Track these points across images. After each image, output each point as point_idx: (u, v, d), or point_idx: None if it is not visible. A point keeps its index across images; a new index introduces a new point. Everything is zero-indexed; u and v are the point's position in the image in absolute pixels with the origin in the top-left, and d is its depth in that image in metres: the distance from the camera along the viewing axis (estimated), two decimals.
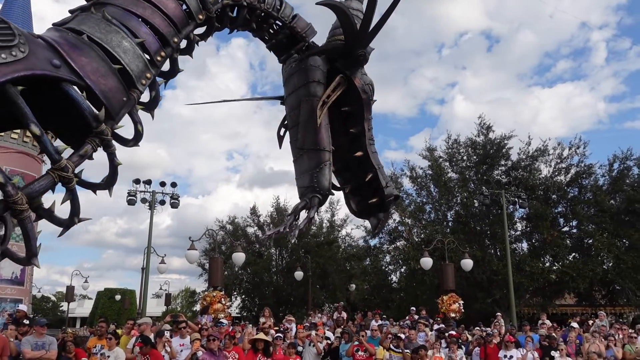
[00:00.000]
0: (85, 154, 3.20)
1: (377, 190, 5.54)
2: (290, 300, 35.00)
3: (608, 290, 28.89)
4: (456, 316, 17.28)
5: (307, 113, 5.33)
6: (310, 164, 5.33)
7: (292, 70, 5.61)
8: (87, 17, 3.57)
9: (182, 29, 4.05)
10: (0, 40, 2.84)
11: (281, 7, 5.13)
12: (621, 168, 28.47)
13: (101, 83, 3.28)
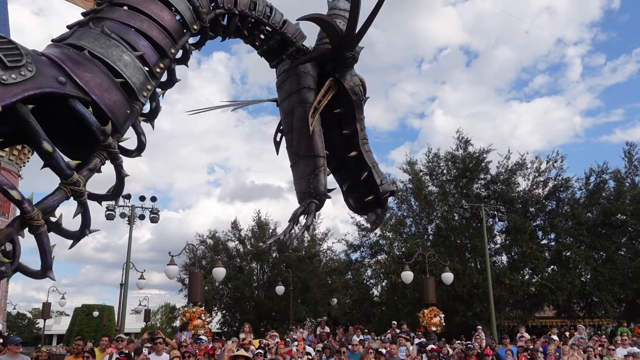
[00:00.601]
0: (95, 168, 3.30)
1: (372, 188, 5.70)
2: (271, 315, 34.74)
3: (586, 302, 29.25)
4: (437, 330, 17.31)
5: (300, 120, 5.47)
6: (306, 170, 5.50)
7: (284, 77, 5.71)
8: (85, 32, 3.63)
9: (179, 39, 4.13)
10: (9, 60, 2.91)
11: (271, 14, 5.20)
12: (597, 181, 29.01)
13: (106, 97, 3.36)
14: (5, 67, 2.88)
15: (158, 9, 3.98)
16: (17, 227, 2.94)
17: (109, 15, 3.78)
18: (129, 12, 3.87)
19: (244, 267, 35.02)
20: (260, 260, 35.20)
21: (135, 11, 3.88)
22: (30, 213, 2.89)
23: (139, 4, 3.91)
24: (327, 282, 35.36)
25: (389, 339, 14.54)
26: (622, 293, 27.63)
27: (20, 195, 2.85)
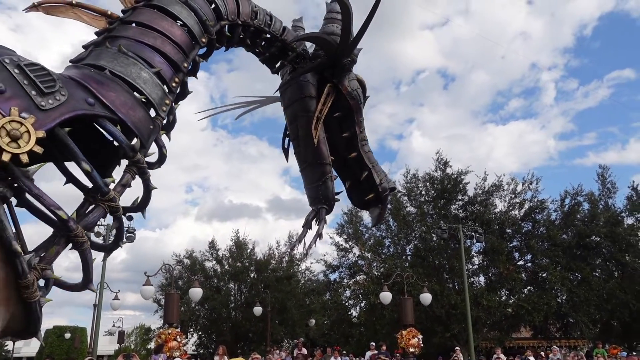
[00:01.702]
0: (127, 183, 3.46)
1: (372, 187, 5.99)
2: (248, 337, 34.27)
3: (562, 323, 29.49)
4: (415, 351, 17.25)
5: (304, 128, 5.67)
6: (314, 177, 5.81)
7: (285, 81, 5.87)
8: (102, 51, 3.76)
9: (189, 53, 4.27)
10: (45, 87, 3.06)
11: (271, 22, 5.36)
12: (572, 203, 29.51)
13: (131, 115, 3.50)
14: (43, 93, 3.04)
15: (169, 24, 4.14)
16: (64, 244, 3.09)
17: (122, 34, 3.90)
18: (142, 29, 3.99)
19: (221, 288, 34.60)
20: (237, 281, 34.83)
21: (147, 28, 4.00)
22: (75, 231, 3.03)
23: (150, 21, 4.04)
24: (305, 303, 35.09)
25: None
26: (597, 314, 27.96)
27: (66, 215, 2.99)
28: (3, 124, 2.79)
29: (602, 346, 20.91)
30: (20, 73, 3.08)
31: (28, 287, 2.89)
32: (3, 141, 2.75)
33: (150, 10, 4.14)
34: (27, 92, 3.01)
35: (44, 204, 2.99)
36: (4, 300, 2.87)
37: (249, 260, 35.30)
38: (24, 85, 3.02)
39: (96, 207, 3.26)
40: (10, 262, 2.82)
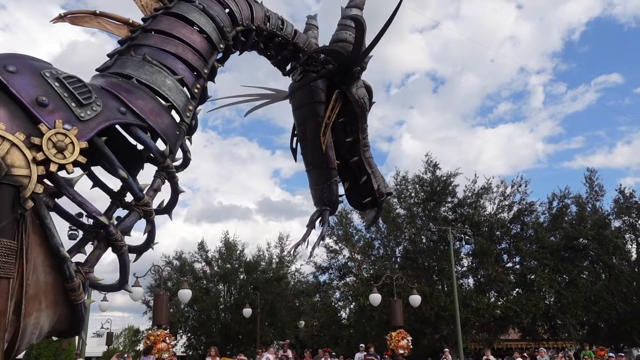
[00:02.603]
0: (158, 188, 3.65)
1: (370, 191, 6.25)
2: (238, 338, 34.16)
3: (550, 325, 29.68)
4: (405, 353, 17.28)
5: (312, 132, 5.90)
6: (320, 179, 6.07)
7: (296, 86, 6.07)
8: (127, 60, 3.90)
9: (208, 59, 4.40)
10: (83, 98, 3.22)
11: (283, 26, 5.52)
12: (560, 206, 29.72)
13: (159, 122, 3.65)
14: (81, 104, 3.19)
15: (189, 32, 4.26)
16: (104, 247, 3.29)
17: (145, 42, 4.04)
18: (163, 37, 4.11)
19: (210, 289, 34.49)
20: (227, 282, 34.74)
21: (169, 36, 4.13)
22: (115, 235, 3.24)
23: (171, 29, 4.17)
24: (295, 305, 35.07)
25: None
26: (585, 316, 28.19)
27: (107, 221, 3.20)
28: (49, 136, 2.93)
29: (589, 348, 21.09)
30: (60, 86, 3.20)
31: (74, 289, 3.07)
32: (50, 152, 2.90)
33: (169, 18, 4.25)
34: (68, 105, 3.15)
35: (86, 210, 3.16)
36: (52, 303, 3.03)
37: (239, 262, 35.23)
38: (64, 98, 3.16)
39: (132, 211, 3.45)
40: (58, 267, 2.96)
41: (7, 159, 2.77)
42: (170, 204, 3.96)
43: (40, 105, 3.03)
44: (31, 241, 2.83)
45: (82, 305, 3.17)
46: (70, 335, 3.42)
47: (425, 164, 30.44)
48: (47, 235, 2.93)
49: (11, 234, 2.69)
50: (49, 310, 3.02)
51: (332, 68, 5.86)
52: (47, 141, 2.92)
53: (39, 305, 2.93)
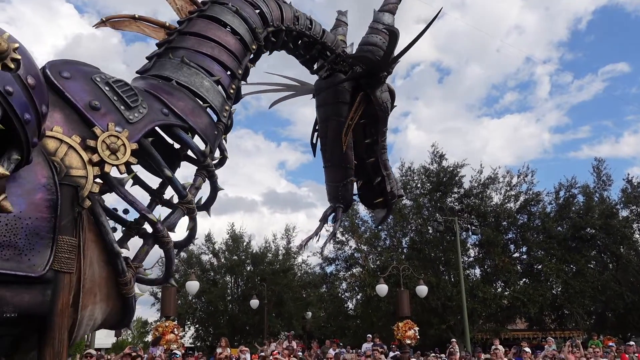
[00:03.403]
0: (199, 186, 3.78)
1: (383, 192, 6.45)
2: (245, 329, 34.33)
3: (557, 314, 29.64)
4: (412, 343, 17.31)
5: (333, 131, 6.07)
6: (337, 177, 6.23)
7: (322, 84, 6.20)
8: (165, 62, 4.04)
9: (242, 60, 4.54)
10: (130, 101, 3.37)
11: (312, 26, 5.64)
12: (567, 196, 29.60)
13: (199, 122, 3.78)
14: (130, 107, 3.35)
15: (223, 34, 4.41)
16: (152, 244, 3.47)
17: (182, 45, 4.18)
18: (199, 39, 4.25)
19: (217, 281, 34.62)
20: (234, 274, 34.87)
21: (204, 38, 4.27)
22: (162, 232, 3.39)
23: (206, 31, 4.32)
24: (302, 296, 35.16)
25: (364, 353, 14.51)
26: (592, 305, 28.13)
27: (155, 218, 3.36)
28: (103, 138, 3.08)
29: (597, 337, 21.06)
30: (110, 90, 3.35)
31: (126, 284, 3.23)
32: (104, 154, 3.06)
33: (204, 20, 4.40)
34: (117, 108, 3.30)
35: (137, 208, 3.33)
36: (106, 296, 3.17)
37: (245, 254, 35.33)
38: (114, 102, 3.31)
39: (176, 209, 3.59)
40: (112, 262, 3.12)
41: (65, 161, 2.93)
42: (209, 200, 4.06)
43: (93, 109, 3.18)
44: (87, 238, 2.98)
45: (133, 298, 3.33)
46: (119, 327, 3.64)
47: (431, 155, 30.40)
48: (101, 232, 3.08)
49: (72, 232, 2.84)
50: (102, 303, 3.16)
51: (360, 72, 5.97)
52: (101, 143, 3.06)
53: (94, 298, 3.08)
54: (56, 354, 2.79)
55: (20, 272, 2.59)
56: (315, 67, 6.16)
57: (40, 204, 2.70)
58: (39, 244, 2.67)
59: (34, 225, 2.66)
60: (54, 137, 2.99)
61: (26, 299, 2.66)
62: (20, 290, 2.64)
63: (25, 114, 2.33)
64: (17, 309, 2.63)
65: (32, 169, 2.73)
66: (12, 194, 2.57)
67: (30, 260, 2.63)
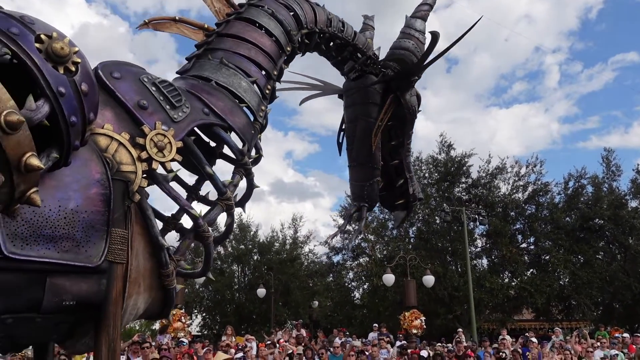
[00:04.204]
0: (237, 184, 3.88)
1: (404, 194, 6.56)
2: (252, 318, 34.53)
3: (564, 305, 29.58)
4: (418, 332, 17.36)
5: (362, 131, 6.12)
6: (362, 177, 6.29)
7: (351, 85, 6.28)
8: (205, 63, 4.19)
9: (277, 61, 4.68)
10: (175, 101, 3.52)
11: (344, 28, 5.74)
12: (576, 186, 29.41)
13: (237, 122, 3.91)
14: (174, 107, 3.50)
15: (259, 36, 4.55)
16: (193, 238, 3.59)
17: (220, 46, 4.33)
18: (237, 41, 4.39)
19: (225, 270, 34.80)
20: (241, 263, 35.02)
21: (241, 40, 4.40)
22: (203, 227, 3.51)
23: (243, 33, 4.45)
24: (309, 285, 35.28)
25: (370, 342, 14.53)
26: (600, 296, 28.05)
27: (197, 214, 3.49)
28: (151, 136, 3.24)
29: (604, 329, 21.00)
30: (157, 90, 3.51)
31: (169, 275, 3.36)
32: (152, 151, 3.22)
33: (241, 22, 4.54)
34: (163, 107, 3.46)
35: (180, 204, 3.48)
36: (149, 287, 3.31)
37: (252, 243, 35.46)
38: (160, 101, 3.47)
39: (216, 205, 3.72)
40: (156, 254, 3.27)
41: (116, 157, 3.08)
42: (245, 198, 4.18)
43: (141, 108, 3.36)
44: (134, 230, 3.11)
45: (174, 290, 3.45)
46: (159, 318, 3.77)
47: (439, 144, 30.26)
48: (147, 225, 3.22)
49: (123, 224, 3.01)
50: (145, 293, 3.29)
51: (393, 74, 6.07)
52: (149, 141, 3.22)
53: (138, 288, 3.20)
54: (111, 340, 2.94)
55: (78, 263, 2.73)
56: (346, 68, 6.26)
57: (95, 198, 2.84)
58: (94, 236, 2.81)
59: (90, 219, 2.80)
60: (105, 135, 3.12)
61: (84, 288, 2.81)
62: (78, 280, 2.78)
63: (72, 116, 2.41)
64: (75, 297, 2.78)
65: (87, 165, 2.88)
66: (70, 189, 2.73)
67: (87, 251, 2.77)
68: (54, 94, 2.29)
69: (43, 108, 2.26)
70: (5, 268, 2.48)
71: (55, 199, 2.68)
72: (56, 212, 2.67)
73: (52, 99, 2.29)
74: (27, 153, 2.10)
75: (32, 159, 2.11)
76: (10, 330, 2.70)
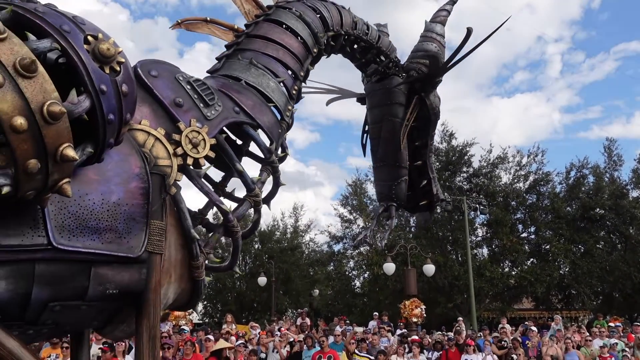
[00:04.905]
0: (264, 181, 3.98)
1: (427, 194, 6.63)
2: (253, 306, 34.70)
3: (564, 294, 29.68)
4: (418, 321, 17.43)
5: (389, 131, 6.21)
6: (389, 176, 6.37)
7: (375, 86, 6.38)
8: (234, 63, 4.30)
9: (304, 62, 4.80)
10: (208, 99, 3.64)
11: (369, 31, 5.85)
12: (577, 176, 29.37)
13: (265, 121, 4.02)
14: (207, 105, 3.62)
15: (287, 37, 4.66)
16: (222, 232, 3.73)
17: (249, 47, 4.48)
18: (265, 42, 4.51)
19: (225, 258, 34.89)
20: (242, 251, 35.06)
21: (270, 41, 4.52)
22: (233, 222, 3.63)
23: (271, 34, 4.56)
24: (309, 274, 35.42)
25: (370, 330, 14.60)
26: (599, 286, 28.13)
27: (227, 209, 3.62)
28: (187, 133, 3.37)
29: (602, 318, 21.07)
30: (191, 88, 3.63)
31: (198, 267, 3.47)
32: (187, 147, 3.33)
33: (270, 24, 4.68)
34: (197, 105, 3.58)
35: (211, 199, 3.62)
36: (179, 277, 3.42)
37: None
38: (194, 99, 3.59)
39: (244, 201, 3.83)
40: (187, 246, 3.38)
41: (153, 152, 3.22)
42: (270, 195, 4.26)
43: (177, 105, 3.48)
44: (168, 222, 3.22)
45: (202, 282, 3.55)
46: (186, 309, 3.90)
47: (440, 134, 30.17)
48: (180, 218, 3.33)
49: (161, 216, 3.13)
50: (175, 283, 3.41)
51: (421, 75, 6.18)
52: (185, 137, 3.34)
53: (169, 279, 3.32)
54: (152, 326, 3.10)
55: (121, 253, 2.86)
56: (369, 70, 6.37)
57: (135, 192, 2.96)
58: (135, 228, 2.94)
59: (131, 211, 2.93)
60: (143, 130, 3.26)
61: (126, 277, 2.94)
62: (120, 269, 2.91)
63: (111, 114, 2.50)
64: (118, 286, 2.92)
65: (127, 159, 3.02)
66: (112, 182, 2.88)
67: (129, 242, 2.90)
68: (96, 91, 2.38)
69: (84, 103, 2.35)
70: (54, 258, 2.61)
71: (99, 192, 2.80)
72: (99, 205, 2.80)
73: (94, 96, 2.38)
74: (65, 144, 2.17)
75: (68, 150, 2.19)
76: (57, 317, 2.81)
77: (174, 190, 3.28)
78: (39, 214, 2.56)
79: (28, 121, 2.02)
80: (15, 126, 2.00)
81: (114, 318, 3.30)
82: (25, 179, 2.16)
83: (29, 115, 2.03)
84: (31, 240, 2.53)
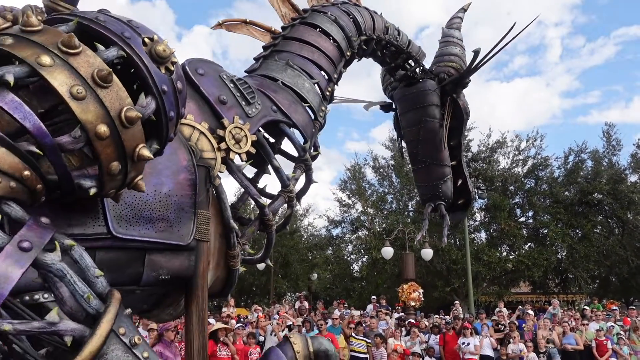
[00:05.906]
0: (298, 177, 4.14)
1: (462, 193, 6.73)
2: (252, 290, 34.88)
3: (561, 278, 29.88)
4: (416, 305, 17.56)
5: (428, 132, 6.33)
6: (433, 176, 6.49)
7: (406, 91, 6.49)
8: (271, 64, 4.48)
9: (338, 65, 4.95)
10: (249, 98, 3.80)
11: (399, 36, 5.99)
12: (576, 161, 29.39)
13: (300, 120, 4.18)
14: (249, 103, 3.78)
15: (322, 40, 4.82)
16: (258, 225, 3.86)
17: (286, 49, 4.63)
18: (301, 44, 4.68)
19: None
20: None
21: (305, 43, 4.69)
22: (268, 215, 3.78)
23: (307, 37, 4.75)
24: (308, 258, 35.55)
25: (368, 313, 14.72)
26: (596, 270, 28.31)
27: (264, 203, 3.76)
28: (230, 129, 3.54)
29: (598, 302, 21.23)
30: (234, 87, 3.80)
31: (234, 257, 3.62)
32: (230, 142, 3.52)
33: (306, 27, 4.84)
34: (239, 103, 3.74)
35: (250, 193, 3.78)
36: (216, 265, 3.56)
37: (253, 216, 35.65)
38: (237, 97, 3.76)
39: (279, 196, 3.96)
40: (226, 235, 3.54)
41: (198, 145, 3.39)
42: (302, 191, 4.41)
43: (221, 102, 3.65)
44: (210, 212, 3.37)
45: (237, 271, 3.69)
46: (220, 297, 4.02)
47: None
48: (221, 208, 3.49)
49: (206, 206, 3.29)
50: (212, 271, 3.51)
51: (454, 77, 6.34)
52: (228, 133, 3.51)
53: (207, 266, 3.41)
54: (201, 310, 3.29)
55: (173, 241, 3.03)
56: (398, 75, 6.50)
57: (183, 183, 3.13)
58: (184, 217, 3.10)
59: (180, 202, 3.10)
60: (188, 125, 3.43)
61: (176, 264, 3.12)
62: (172, 256, 3.10)
63: (171, 111, 2.63)
64: (170, 272, 3.10)
65: (176, 153, 3.17)
66: (162, 175, 3.05)
67: (179, 231, 3.07)
68: (159, 92, 2.50)
69: (151, 105, 2.48)
70: (113, 247, 2.79)
71: (151, 184, 2.95)
72: (152, 196, 2.97)
73: (157, 97, 2.50)
74: (140, 144, 2.33)
75: (143, 150, 2.34)
76: None
77: (219, 181, 3.44)
78: (99, 205, 2.72)
79: (109, 128, 2.15)
80: (100, 134, 2.13)
81: (162, 302, 3.47)
82: (109, 179, 2.31)
83: (110, 122, 2.16)
84: (92, 230, 2.69)
